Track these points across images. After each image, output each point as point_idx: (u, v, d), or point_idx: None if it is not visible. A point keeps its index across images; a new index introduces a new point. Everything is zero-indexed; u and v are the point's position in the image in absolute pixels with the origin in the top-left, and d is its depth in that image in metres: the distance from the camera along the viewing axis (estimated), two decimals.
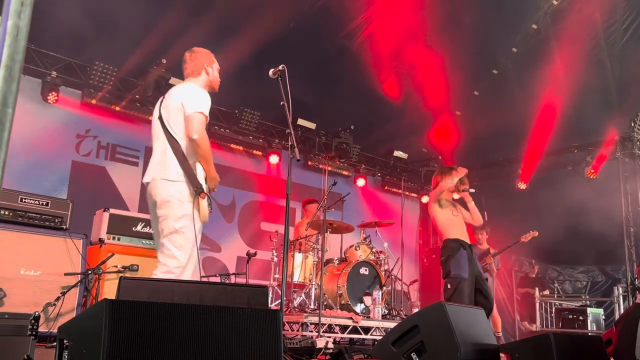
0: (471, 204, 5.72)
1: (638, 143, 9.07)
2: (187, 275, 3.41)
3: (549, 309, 8.67)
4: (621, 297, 8.40)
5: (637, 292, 7.73)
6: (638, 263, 4.00)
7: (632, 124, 9.02)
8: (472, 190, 5.76)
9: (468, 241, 5.57)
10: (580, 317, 7.95)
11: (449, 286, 5.34)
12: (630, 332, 3.51)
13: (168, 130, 3.56)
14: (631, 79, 8.68)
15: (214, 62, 3.87)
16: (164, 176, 3.49)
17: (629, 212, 8.94)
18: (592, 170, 9.40)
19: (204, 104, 3.52)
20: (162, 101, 3.74)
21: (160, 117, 3.65)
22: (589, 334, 7.50)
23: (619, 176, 9.13)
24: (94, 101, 7.75)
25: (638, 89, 8.66)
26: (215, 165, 3.66)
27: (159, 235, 3.53)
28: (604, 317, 8.19)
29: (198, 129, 3.44)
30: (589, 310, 7.98)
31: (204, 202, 3.47)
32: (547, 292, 9.87)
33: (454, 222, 5.59)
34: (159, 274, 3.39)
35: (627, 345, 3.49)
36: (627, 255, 8.78)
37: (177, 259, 3.39)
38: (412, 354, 3.33)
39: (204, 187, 3.48)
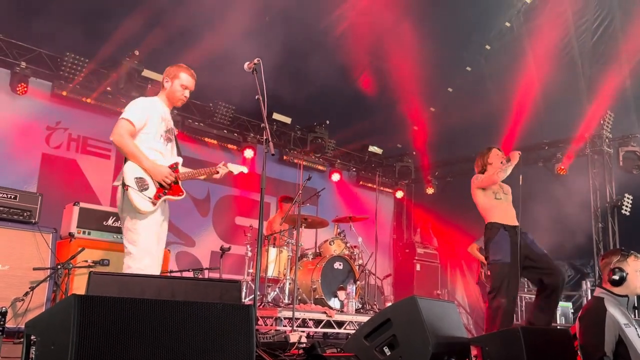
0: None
1: (607, 140, 9.27)
2: (143, 265, 3.64)
3: (519, 303, 8.80)
4: (589, 291, 8.59)
5: (596, 285, 7.85)
6: (601, 256, 3.96)
7: (602, 122, 9.22)
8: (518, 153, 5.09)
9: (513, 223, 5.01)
10: None
11: (488, 273, 4.98)
12: (597, 328, 3.48)
13: None
14: (601, 77, 8.85)
15: (177, 77, 4.02)
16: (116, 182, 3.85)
17: (597, 208, 9.13)
18: (562, 167, 9.56)
19: (130, 110, 3.82)
20: None
21: None
22: (558, 327, 7.64)
23: (588, 173, 9.32)
24: (64, 93, 7.59)
25: (608, 87, 8.82)
26: (189, 158, 3.76)
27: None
28: (572, 310, 8.34)
29: (115, 132, 3.76)
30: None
31: (133, 195, 3.67)
32: None
33: (495, 204, 5.13)
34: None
35: (595, 341, 3.45)
36: (595, 250, 8.99)
37: (132, 253, 3.68)
38: (384, 348, 3.36)
39: (129, 181, 3.69)
